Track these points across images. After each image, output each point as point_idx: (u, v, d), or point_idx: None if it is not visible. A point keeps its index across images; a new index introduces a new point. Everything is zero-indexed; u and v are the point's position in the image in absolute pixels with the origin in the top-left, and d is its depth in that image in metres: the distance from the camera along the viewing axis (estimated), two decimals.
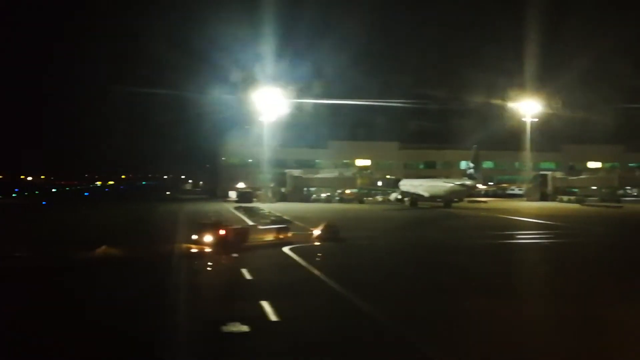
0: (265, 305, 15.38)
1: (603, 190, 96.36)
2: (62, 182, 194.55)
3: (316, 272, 21.46)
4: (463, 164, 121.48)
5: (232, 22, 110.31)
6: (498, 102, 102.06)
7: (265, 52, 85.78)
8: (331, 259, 26.45)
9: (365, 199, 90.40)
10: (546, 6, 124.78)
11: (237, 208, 61.56)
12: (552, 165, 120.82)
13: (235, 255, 26.36)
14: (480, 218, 54.27)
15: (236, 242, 29.35)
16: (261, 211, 57.11)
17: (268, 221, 40.10)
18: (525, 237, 36.58)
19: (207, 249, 27.77)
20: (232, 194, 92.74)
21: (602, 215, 58.99)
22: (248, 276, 20.81)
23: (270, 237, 31.97)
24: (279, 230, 32.52)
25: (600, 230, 39.68)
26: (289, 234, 32.41)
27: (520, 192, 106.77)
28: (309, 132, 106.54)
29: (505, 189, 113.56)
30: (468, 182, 71.67)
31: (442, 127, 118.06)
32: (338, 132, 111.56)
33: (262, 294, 17.04)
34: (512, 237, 37.15)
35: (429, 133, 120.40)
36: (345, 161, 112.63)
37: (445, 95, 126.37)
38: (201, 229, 29.80)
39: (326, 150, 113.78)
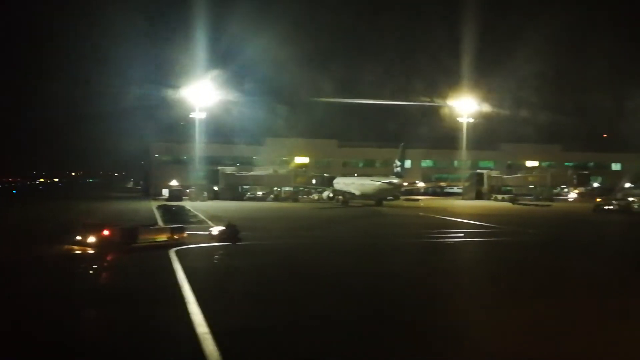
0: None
1: (538, 188, 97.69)
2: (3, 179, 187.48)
3: (181, 276, 19.42)
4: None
5: (166, 16, 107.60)
6: (437, 101, 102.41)
7: (199, 47, 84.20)
8: (210, 262, 24.34)
9: (301, 197, 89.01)
10: (483, 7, 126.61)
11: (158, 207, 58.95)
12: (490, 164, 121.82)
13: (114, 257, 24.62)
14: (403, 217, 53.08)
15: (123, 242, 27.43)
16: (180, 210, 54.86)
17: (180, 220, 38.70)
18: (437, 236, 35.34)
19: (90, 250, 25.79)
20: (166, 192, 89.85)
21: (527, 213, 58.88)
22: (102, 281, 19.30)
23: (163, 237, 29.70)
24: (173, 231, 30.45)
25: (513, 229, 38.78)
26: (185, 235, 30.44)
27: (459, 190, 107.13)
28: (247, 128, 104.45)
29: (444, 187, 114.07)
30: (395, 181, 70.71)
31: (382, 126, 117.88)
32: (276, 128, 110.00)
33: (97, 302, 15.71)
34: (423, 235, 35.87)
35: (369, 131, 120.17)
36: (284, 158, 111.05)
37: (385, 93, 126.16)
38: (85, 229, 27.88)
39: (263, 147, 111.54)
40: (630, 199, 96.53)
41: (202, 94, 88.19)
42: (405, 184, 72.22)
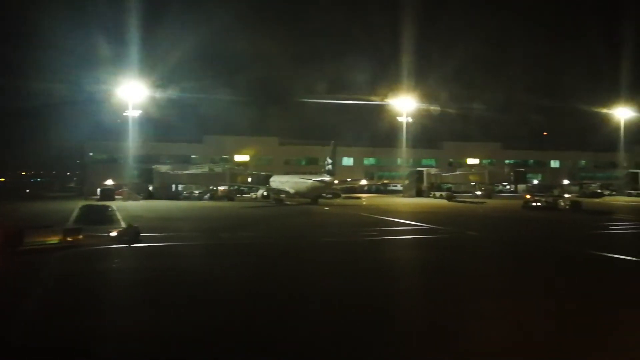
0: None
1: (477, 185, 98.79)
2: None
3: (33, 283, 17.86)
4: (344, 160, 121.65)
5: (102, 11, 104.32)
6: (380, 100, 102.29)
7: (135, 44, 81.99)
8: (84, 267, 22.51)
9: (239, 195, 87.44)
10: (423, 7, 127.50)
11: (81, 207, 56.41)
12: (432, 162, 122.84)
13: None
14: (330, 215, 52.14)
15: (6, 245, 25.58)
16: (101, 210, 52.52)
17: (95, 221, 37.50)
18: (353, 235, 34.43)
19: None
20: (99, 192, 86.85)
21: (457, 211, 58.86)
22: None
23: (54, 239, 27.92)
24: (67, 233, 28.69)
25: (430, 227, 38.22)
26: (80, 237, 28.67)
27: (402, 188, 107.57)
28: (186, 126, 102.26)
29: (387, 185, 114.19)
30: (327, 178, 69.86)
31: (325, 124, 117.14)
32: (215, 126, 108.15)
33: None
34: (340, 234, 34.91)
35: (311, 129, 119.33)
36: (223, 156, 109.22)
37: (329, 92, 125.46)
38: None
39: (202, 145, 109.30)
40: (567, 195, 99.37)
41: (137, 92, 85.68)
42: (336, 181, 71.22)
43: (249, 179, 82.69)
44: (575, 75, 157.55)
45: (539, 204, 57.74)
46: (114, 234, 29.59)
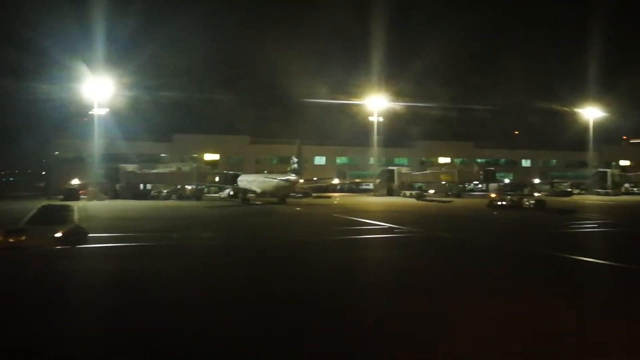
0: None
1: (448, 184, 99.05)
2: None
3: None
4: (317, 159, 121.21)
5: (65, 9, 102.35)
6: (352, 98, 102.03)
7: (102, 39, 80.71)
8: (15, 269, 21.20)
9: (208, 195, 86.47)
10: (395, 5, 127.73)
11: (40, 207, 55.07)
12: (404, 161, 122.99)
13: None
14: (292, 215, 51.47)
15: None
16: (60, 210, 51.33)
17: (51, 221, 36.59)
18: (306, 235, 33.77)
19: None
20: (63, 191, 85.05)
21: (423, 209, 58.63)
22: None
23: None
24: (7, 233, 27.62)
25: (388, 227, 37.75)
26: (23, 237, 27.57)
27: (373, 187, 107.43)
28: (155, 125, 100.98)
29: (359, 184, 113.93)
30: (292, 177, 69.18)
31: (299, 123, 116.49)
32: (186, 125, 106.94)
33: None
34: (294, 234, 34.22)
35: (283, 128, 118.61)
36: (193, 155, 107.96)
37: (301, 90, 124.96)
38: None
39: (171, 144, 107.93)
40: (537, 194, 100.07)
41: (104, 90, 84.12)
42: (301, 180, 70.54)
43: (217, 178, 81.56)
44: (546, 75, 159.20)
45: (503, 202, 57.72)
46: (58, 234, 28.54)
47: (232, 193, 72.68)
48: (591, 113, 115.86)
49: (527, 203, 56.05)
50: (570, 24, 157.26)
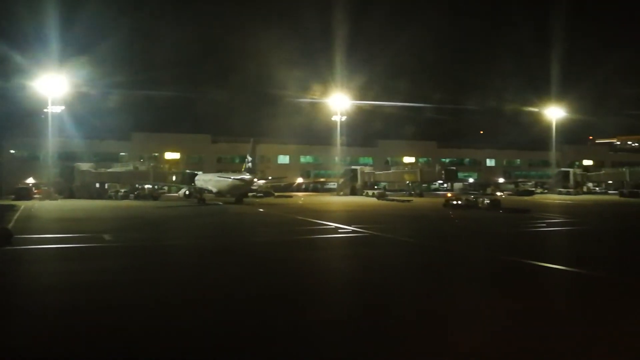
0: None
1: (411, 184, 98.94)
2: None
3: None
4: (280, 158, 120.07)
5: (17, 5, 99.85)
6: (316, 97, 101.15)
7: (56, 36, 79.06)
8: None
9: (167, 194, 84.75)
10: (357, 5, 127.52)
11: None
12: (369, 160, 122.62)
13: None
14: (242, 215, 50.37)
15: None
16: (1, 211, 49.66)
17: None
18: (247, 236, 32.68)
19: None
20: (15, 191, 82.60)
21: (378, 209, 57.99)
22: None
23: None
24: None
25: (335, 227, 36.83)
26: None
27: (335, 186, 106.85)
28: (113, 123, 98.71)
29: (324, 183, 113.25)
30: (247, 177, 67.98)
31: (262, 121, 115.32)
32: (145, 123, 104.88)
33: None
34: (231, 236, 33.11)
35: (246, 126, 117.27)
36: (154, 154, 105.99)
37: (266, 89, 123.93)
38: None
39: (131, 143, 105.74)
40: (499, 193, 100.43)
41: (59, 87, 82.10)
42: (255, 179, 69.27)
43: (174, 178, 79.88)
44: (512, 76, 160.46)
45: (459, 202, 57.37)
46: None
47: (187, 193, 71.14)
48: (554, 113, 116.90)
49: (482, 202, 55.65)
50: (537, 25, 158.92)
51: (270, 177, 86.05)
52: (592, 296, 15.24)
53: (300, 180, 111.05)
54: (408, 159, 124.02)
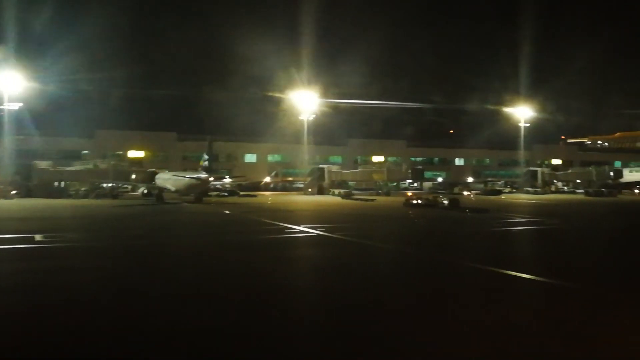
0: None
1: (377, 183, 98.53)
2: None
3: None
4: (247, 157, 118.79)
5: None
6: (283, 95, 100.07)
7: (12, 31, 76.93)
8: None
9: (130, 193, 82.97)
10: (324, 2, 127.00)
11: None
12: (338, 159, 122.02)
13: None
14: (197, 214, 49.08)
15: None
16: None
17: None
18: (187, 238, 31.49)
19: None
20: None
21: (337, 208, 57.10)
22: None
23: None
24: None
25: (283, 227, 35.87)
26: None
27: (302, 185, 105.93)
28: (76, 120, 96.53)
29: (293, 182, 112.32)
30: (202, 176, 66.78)
31: (230, 119, 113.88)
32: (109, 121, 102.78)
33: None
34: (163, 237, 31.89)
35: (214, 125, 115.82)
36: (118, 152, 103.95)
37: (233, 86, 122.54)
38: None
39: (94, 140, 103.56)
40: (466, 193, 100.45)
41: (17, 83, 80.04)
42: (211, 178, 67.90)
43: (133, 176, 78.18)
44: (482, 75, 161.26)
45: (419, 201, 56.88)
46: None
47: (145, 191, 69.57)
48: (523, 113, 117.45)
49: (441, 202, 55.23)
50: (510, 24, 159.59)
51: (227, 176, 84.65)
52: (523, 297, 14.44)
53: (268, 179, 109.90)
54: (377, 158, 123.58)
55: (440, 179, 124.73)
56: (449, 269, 19.76)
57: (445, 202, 54.85)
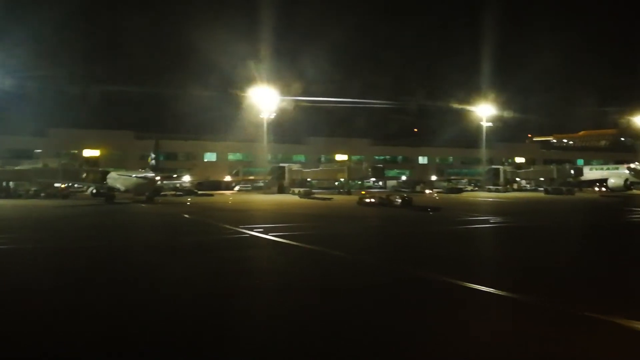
0: None
1: (339, 182, 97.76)
2: None
3: None
4: (207, 156, 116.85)
5: None
6: (245, 93, 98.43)
7: None
8: None
9: (81, 193, 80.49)
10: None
11: None
12: (302, 158, 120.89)
13: None
14: (143, 215, 47.47)
15: None
16: None
17: None
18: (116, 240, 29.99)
19: None
20: None
21: (289, 208, 55.94)
22: None
23: None
24: None
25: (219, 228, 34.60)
26: None
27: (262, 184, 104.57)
28: (29, 118, 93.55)
29: (255, 181, 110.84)
30: (149, 175, 65.08)
31: (188, 118, 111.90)
32: (64, 119, 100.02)
33: None
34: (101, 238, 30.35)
35: (175, 123, 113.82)
36: (73, 151, 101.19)
37: (193, 84, 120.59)
38: None
39: (47, 139, 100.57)
40: (429, 191, 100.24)
41: None
42: (157, 178, 66.03)
43: (84, 175, 75.90)
44: (446, 73, 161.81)
45: (372, 200, 56.07)
46: None
47: (94, 191, 67.42)
48: (486, 111, 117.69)
49: (394, 201, 54.48)
50: (475, 23, 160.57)
51: (174, 175, 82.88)
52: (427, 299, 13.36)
53: (228, 178, 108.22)
54: (341, 157, 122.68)
55: (404, 178, 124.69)
56: (353, 266, 18.69)
57: (398, 201, 54.03)
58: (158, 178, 64.85)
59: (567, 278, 16.93)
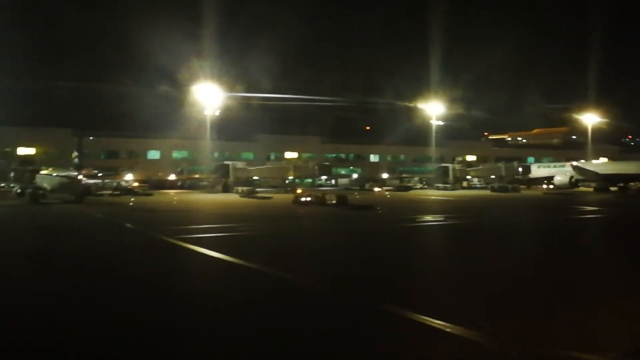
0: None
1: (285, 181, 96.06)
2: None
3: None
4: (151, 154, 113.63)
5: None
6: (185, 89, 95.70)
7: None
8: None
9: (9, 193, 76.73)
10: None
11: None
12: (250, 155, 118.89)
13: None
14: (65, 217, 44.86)
15: None
16: None
17: None
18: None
19: None
20: None
21: (224, 207, 54.07)
22: None
23: None
24: None
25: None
26: None
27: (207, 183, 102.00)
28: None
29: (201, 179, 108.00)
30: (72, 174, 62.22)
31: (131, 115, 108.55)
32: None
33: None
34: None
35: (117, 120, 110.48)
36: (6, 150, 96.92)
37: (136, 80, 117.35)
38: None
39: None
40: (378, 189, 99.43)
41: None
42: (80, 177, 63.07)
43: (11, 175, 72.27)
44: (398, 71, 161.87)
45: (308, 198, 54.69)
46: None
47: (19, 191, 63.89)
48: (436, 109, 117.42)
49: (330, 199, 53.36)
50: (427, 20, 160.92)
51: (98, 173, 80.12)
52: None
53: (173, 176, 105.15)
54: (291, 155, 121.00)
55: (355, 176, 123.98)
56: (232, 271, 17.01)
57: (333, 199, 52.97)
58: (81, 177, 61.79)
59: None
